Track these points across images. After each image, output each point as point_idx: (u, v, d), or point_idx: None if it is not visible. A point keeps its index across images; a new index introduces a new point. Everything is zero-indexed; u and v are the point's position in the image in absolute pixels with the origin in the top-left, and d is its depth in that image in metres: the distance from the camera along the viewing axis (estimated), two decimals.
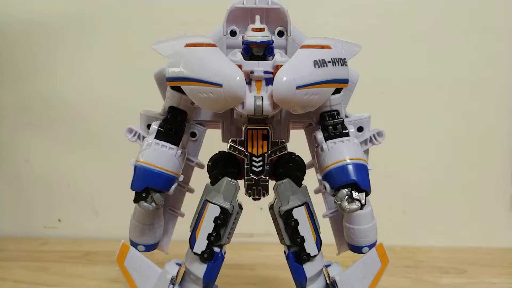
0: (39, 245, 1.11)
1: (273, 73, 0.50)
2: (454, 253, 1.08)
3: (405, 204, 1.13)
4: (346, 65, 0.51)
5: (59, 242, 1.13)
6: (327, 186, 0.52)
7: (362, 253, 0.60)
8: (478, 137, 1.11)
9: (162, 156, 0.53)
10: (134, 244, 0.60)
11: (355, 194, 0.51)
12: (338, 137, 0.53)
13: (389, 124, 0.62)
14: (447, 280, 0.94)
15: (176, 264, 0.58)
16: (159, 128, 0.54)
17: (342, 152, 0.52)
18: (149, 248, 0.61)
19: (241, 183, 0.56)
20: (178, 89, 0.52)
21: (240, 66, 0.50)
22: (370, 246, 0.59)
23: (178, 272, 0.57)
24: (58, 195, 1.17)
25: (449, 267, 1.01)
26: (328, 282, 0.58)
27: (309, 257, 0.54)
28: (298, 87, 0.46)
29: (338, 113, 0.54)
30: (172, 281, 0.56)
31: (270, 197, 0.56)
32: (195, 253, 0.54)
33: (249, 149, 0.53)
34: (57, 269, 0.97)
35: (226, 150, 0.54)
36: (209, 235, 0.54)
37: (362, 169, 0.51)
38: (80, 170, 1.16)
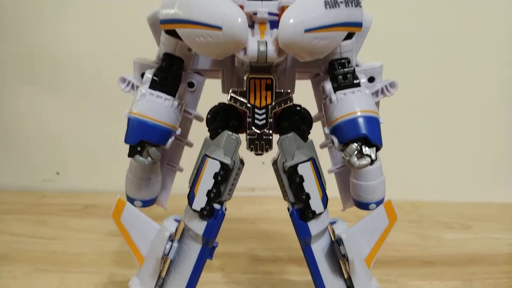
0: (38, 198, 1.11)
1: (279, 15, 0.44)
2: (459, 208, 1.07)
3: (410, 158, 1.11)
4: (360, 6, 0.46)
5: (58, 195, 1.13)
6: (335, 140, 0.48)
7: (369, 209, 0.57)
8: (485, 91, 1.07)
9: (157, 107, 0.49)
10: (131, 200, 0.57)
11: (365, 149, 0.47)
12: (348, 88, 0.49)
13: (395, 76, 0.57)
14: (451, 235, 0.94)
15: (175, 220, 0.56)
16: (154, 77, 0.50)
17: (352, 103, 0.48)
18: (146, 203, 0.58)
19: (243, 137, 0.52)
20: (173, 33, 0.47)
21: (241, 7, 0.44)
22: (378, 203, 0.57)
23: (177, 228, 0.55)
24: (56, 149, 1.16)
25: (453, 222, 1.00)
26: (332, 239, 0.56)
27: (314, 215, 0.51)
28: (306, 31, 0.42)
29: (349, 61, 0.50)
30: (171, 238, 0.54)
31: (274, 152, 0.53)
32: (194, 210, 0.51)
33: (252, 101, 0.49)
34: (56, 222, 0.97)
35: (227, 102, 0.50)
36: (209, 192, 0.51)
37: (373, 122, 0.48)
38: (77, 123, 1.13)
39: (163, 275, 0.57)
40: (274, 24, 0.45)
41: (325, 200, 0.52)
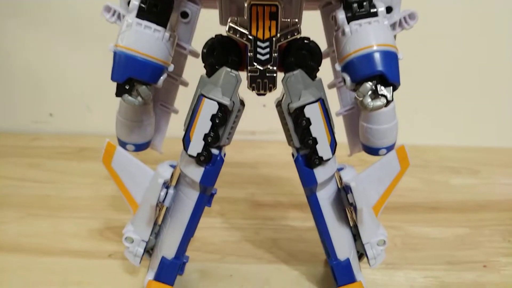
0: (30, 140, 1.07)
1: None
2: (466, 153, 1.03)
3: (416, 99, 1.05)
4: None
5: (52, 137, 1.09)
6: (347, 78, 0.43)
7: (379, 155, 0.53)
8: (495, 34, 1.00)
9: (145, 39, 0.43)
10: (122, 144, 0.53)
11: (381, 89, 0.42)
12: (364, 18, 0.43)
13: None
14: (458, 180, 0.91)
15: (170, 166, 0.52)
16: (141, 4, 0.44)
17: (368, 36, 0.42)
18: (139, 147, 0.54)
19: (243, 75, 0.46)
20: None
21: None
22: (388, 148, 0.53)
23: (172, 174, 0.51)
24: (48, 89, 1.10)
25: (460, 167, 0.97)
26: (339, 186, 0.52)
27: (321, 161, 0.47)
28: None
29: None
30: (166, 185, 0.50)
31: (277, 92, 0.48)
32: (190, 156, 0.47)
33: (253, 32, 0.43)
34: (49, 165, 0.93)
35: (225, 34, 0.44)
36: (206, 136, 0.46)
37: (391, 58, 0.42)
38: (68, 62, 1.06)
39: (160, 222, 0.54)
40: None
41: (333, 145, 0.47)
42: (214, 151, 0.48)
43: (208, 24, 0.51)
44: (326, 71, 0.51)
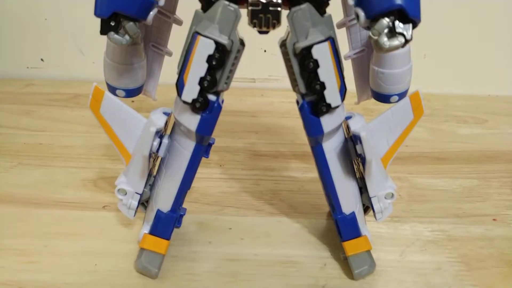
0: (23, 86, 1.02)
1: None
2: (474, 101, 0.99)
3: (421, 45, 1.00)
4: None
5: (44, 83, 1.04)
6: (361, 14, 0.39)
7: (390, 102, 0.50)
8: None
9: None
10: (112, 89, 0.49)
11: (399, 26, 0.38)
12: None
13: None
14: (465, 130, 0.87)
15: (164, 113, 0.48)
16: None
17: None
18: (130, 93, 0.50)
19: (243, 11, 0.41)
20: None
21: None
22: (401, 95, 0.50)
23: (166, 122, 0.48)
24: (37, 32, 1.04)
25: (467, 116, 0.93)
26: (346, 136, 0.49)
27: (329, 108, 0.43)
28: None
29: None
30: (160, 134, 0.46)
31: (282, 30, 0.43)
32: (185, 102, 0.43)
33: None
34: (42, 112, 0.89)
35: None
36: (202, 79, 0.42)
37: None
38: (57, 2, 1.00)
39: (154, 173, 0.51)
40: None
41: (343, 91, 0.43)
42: (211, 97, 0.44)
43: None
44: (334, 9, 0.46)
